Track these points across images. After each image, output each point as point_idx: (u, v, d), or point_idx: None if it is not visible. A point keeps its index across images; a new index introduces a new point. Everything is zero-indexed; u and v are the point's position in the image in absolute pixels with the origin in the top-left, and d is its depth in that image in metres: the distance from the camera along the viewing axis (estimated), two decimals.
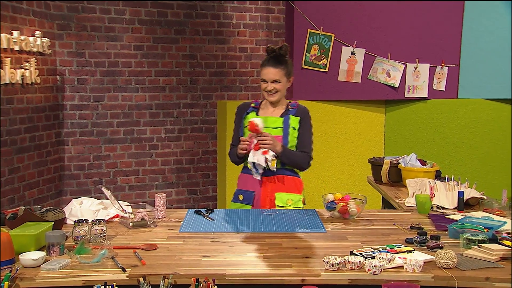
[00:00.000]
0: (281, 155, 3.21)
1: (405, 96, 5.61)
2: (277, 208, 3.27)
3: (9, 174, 4.89)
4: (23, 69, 4.94)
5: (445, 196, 3.31)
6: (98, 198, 3.16)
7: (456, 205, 3.24)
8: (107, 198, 2.94)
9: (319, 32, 5.46)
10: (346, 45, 5.50)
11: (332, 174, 5.65)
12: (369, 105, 5.67)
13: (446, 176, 3.62)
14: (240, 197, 3.38)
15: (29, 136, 5.16)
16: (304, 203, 3.40)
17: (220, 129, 5.62)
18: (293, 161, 3.29)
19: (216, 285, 2.16)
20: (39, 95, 5.28)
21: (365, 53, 5.52)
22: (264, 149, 3.12)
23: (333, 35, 5.47)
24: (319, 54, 5.51)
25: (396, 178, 3.95)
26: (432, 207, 3.23)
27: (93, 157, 5.77)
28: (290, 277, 2.21)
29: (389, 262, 2.29)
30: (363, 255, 2.34)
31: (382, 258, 2.28)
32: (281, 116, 3.34)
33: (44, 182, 5.41)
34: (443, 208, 3.24)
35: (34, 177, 5.26)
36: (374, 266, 2.23)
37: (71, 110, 5.66)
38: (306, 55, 5.50)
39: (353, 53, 5.53)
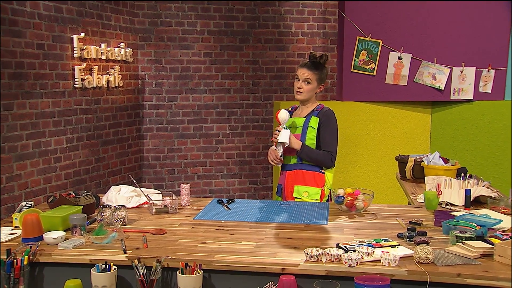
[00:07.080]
0: (300, 153, 3.12)
1: (451, 98, 5.26)
2: (295, 199, 3.17)
3: (96, 163, 5.11)
4: (108, 75, 5.15)
5: (456, 194, 3.04)
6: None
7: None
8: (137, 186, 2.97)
9: (367, 38, 5.23)
10: (393, 51, 5.23)
11: (378, 170, 5.39)
12: (416, 106, 5.36)
13: (463, 175, 3.31)
14: (276, 189, 3.42)
15: (113, 131, 5.36)
16: (327, 197, 3.23)
17: (275, 126, 5.54)
18: (314, 159, 3.16)
19: (203, 269, 2.11)
20: (122, 96, 5.47)
21: (412, 57, 5.22)
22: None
23: (381, 41, 5.22)
24: (368, 59, 5.27)
25: (420, 175, 3.68)
26: (441, 204, 2.98)
27: (167, 150, 5.89)
28: (271, 265, 2.11)
29: (368, 255, 2.12)
30: (346, 248, 2.19)
31: (361, 251, 2.13)
32: (305, 117, 3.23)
33: (126, 170, 5.60)
34: (451, 204, 2.98)
35: (117, 165, 5.46)
36: (350, 259, 2.08)
37: (149, 109, 5.82)
38: (355, 60, 5.28)
39: (400, 58, 5.25)
